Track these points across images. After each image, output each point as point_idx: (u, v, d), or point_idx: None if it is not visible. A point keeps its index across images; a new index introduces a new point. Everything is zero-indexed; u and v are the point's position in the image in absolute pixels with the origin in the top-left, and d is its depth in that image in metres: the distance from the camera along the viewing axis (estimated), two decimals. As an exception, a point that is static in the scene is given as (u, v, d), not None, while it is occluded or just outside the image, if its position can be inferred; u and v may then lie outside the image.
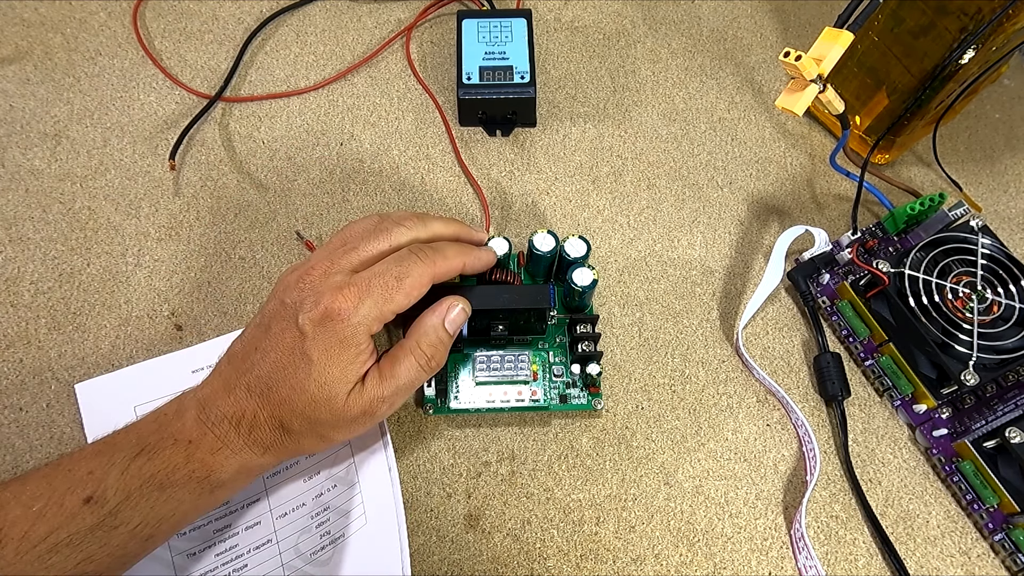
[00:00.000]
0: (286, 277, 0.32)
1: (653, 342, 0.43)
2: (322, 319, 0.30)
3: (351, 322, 0.30)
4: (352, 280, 0.31)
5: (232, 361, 0.32)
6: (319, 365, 0.30)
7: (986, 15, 0.39)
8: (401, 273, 0.31)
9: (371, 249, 0.33)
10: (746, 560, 0.37)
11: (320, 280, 0.31)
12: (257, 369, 0.30)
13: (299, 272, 0.32)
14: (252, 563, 0.35)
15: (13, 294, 0.42)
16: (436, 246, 0.34)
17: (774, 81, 0.54)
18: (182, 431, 0.30)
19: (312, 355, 0.30)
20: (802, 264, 0.44)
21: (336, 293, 0.30)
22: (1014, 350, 0.38)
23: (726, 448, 0.40)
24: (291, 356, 0.30)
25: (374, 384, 0.31)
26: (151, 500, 0.28)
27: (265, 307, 0.32)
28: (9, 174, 0.46)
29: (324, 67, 0.52)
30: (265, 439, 0.31)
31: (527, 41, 0.49)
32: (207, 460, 0.29)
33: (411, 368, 0.32)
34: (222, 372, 0.32)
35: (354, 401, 0.31)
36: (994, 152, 0.52)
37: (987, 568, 0.37)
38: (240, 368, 0.31)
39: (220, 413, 0.30)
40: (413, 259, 0.32)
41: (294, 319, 0.30)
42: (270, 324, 0.31)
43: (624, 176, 0.49)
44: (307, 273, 0.31)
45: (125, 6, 0.53)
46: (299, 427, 0.30)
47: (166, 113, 0.49)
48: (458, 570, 0.36)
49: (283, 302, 0.31)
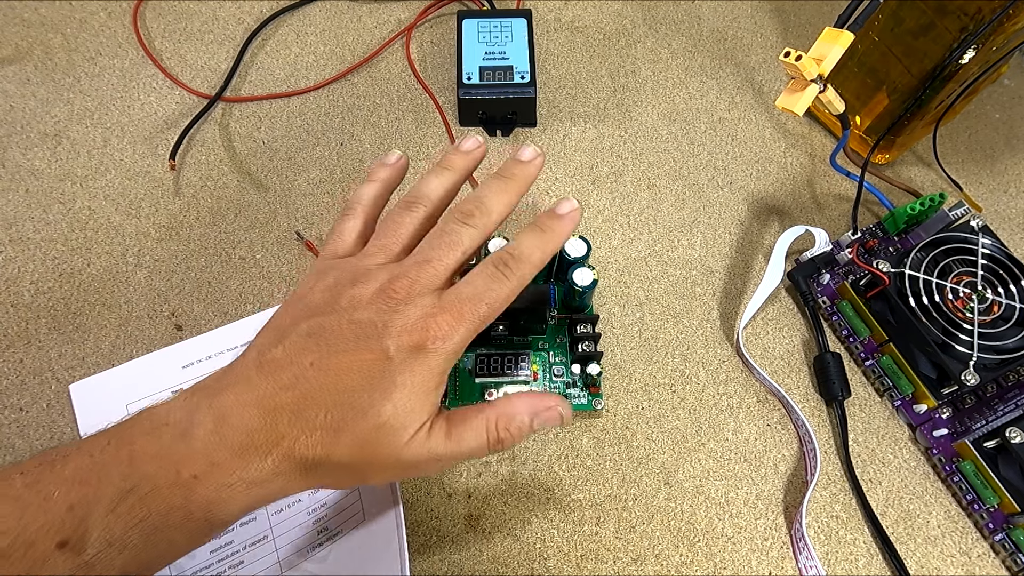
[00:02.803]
0: (350, 290, 0.28)
1: (653, 342, 0.43)
2: (414, 347, 0.26)
3: (442, 353, 0.27)
4: (442, 304, 0.27)
5: (268, 371, 0.26)
6: (401, 391, 0.26)
7: (986, 15, 0.39)
8: (493, 300, 0.28)
9: (449, 262, 0.29)
10: (746, 560, 0.37)
11: (406, 300, 0.27)
12: (310, 385, 0.26)
13: (371, 285, 0.28)
14: (248, 559, 0.35)
15: (13, 294, 0.42)
16: (517, 253, 0.29)
17: (774, 81, 0.54)
18: (187, 460, 0.24)
19: (396, 380, 0.26)
20: (802, 264, 0.44)
21: (430, 319, 0.27)
22: (1014, 350, 0.38)
23: (726, 448, 0.40)
24: (368, 378, 0.26)
25: (440, 438, 0.28)
26: (136, 546, 0.24)
27: (316, 313, 0.28)
28: (9, 174, 0.46)
29: (324, 67, 0.52)
30: (295, 469, 0.26)
31: (527, 41, 0.49)
32: (210, 498, 0.25)
33: (478, 441, 0.28)
34: (252, 382, 0.26)
35: (416, 445, 0.27)
36: (994, 152, 0.52)
37: (987, 568, 0.37)
38: (282, 382, 0.26)
39: (244, 438, 0.25)
40: (501, 279, 0.28)
41: (377, 340, 0.26)
42: (333, 338, 0.27)
43: (624, 176, 0.49)
44: (388, 290, 0.27)
45: (125, 6, 0.53)
46: (347, 458, 0.26)
47: (166, 113, 0.49)
48: (458, 570, 0.36)
49: (354, 318, 0.27)
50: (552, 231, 0.30)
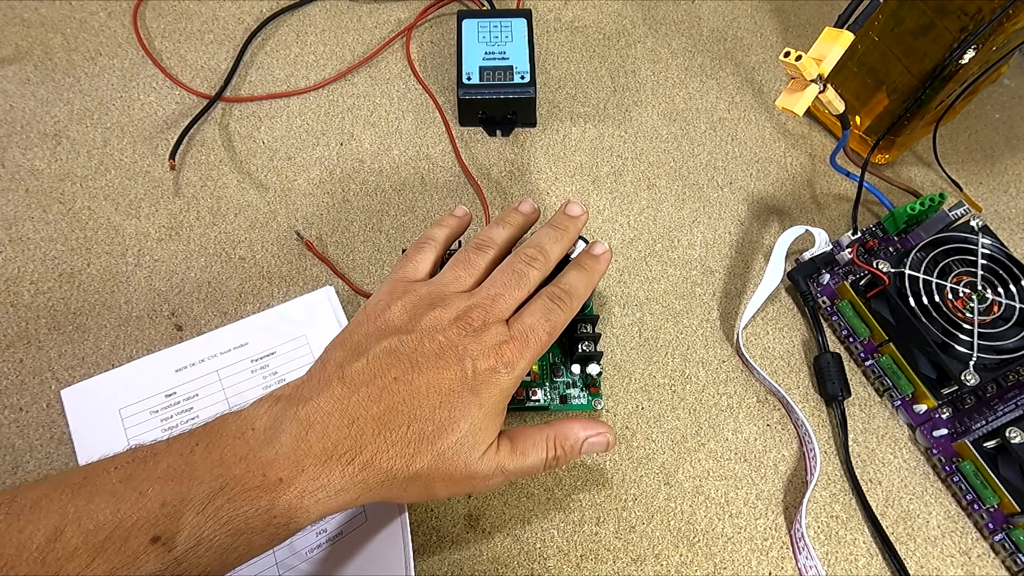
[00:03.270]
0: (430, 312, 0.30)
1: (653, 342, 0.43)
2: (490, 370, 0.29)
3: (512, 376, 0.30)
4: (513, 334, 0.31)
5: (352, 384, 0.28)
6: (478, 409, 0.29)
7: (986, 15, 0.39)
8: (551, 328, 0.32)
9: (517, 297, 0.32)
10: (746, 560, 0.37)
11: (482, 328, 0.30)
12: (395, 398, 0.28)
13: (449, 311, 0.30)
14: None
15: (13, 294, 0.42)
16: (568, 288, 0.33)
17: (774, 81, 0.54)
18: (274, 463, 0.25)
19: (475, 399, 0.29)
20: (802, 264, 0.44)
21: (504, 346, 0.30)
22: (1014, 350, 0.38)
23: (726, 448, 0.40)
24: (449, 395, 0.28)
25: (506, 453, 0.30)
26: (221, 546, 0.24)
27: (399, 333, 0.30)
28: (9, 174, 0.46)
29: (324, 67, 0.52)
30: (375, 480, 0.27)
31: (527, 41, 0.49)
32: (294, 503, 0.25)
33: (539, 459, 0.31)
34: (336, 393, 0.27)
35: (487, 460, 0.29)
36: (994, 152, 0.52)
37: (987, 568, 0.37)
38: (367, 395, 0.27)
39: (329, 445, 0.26)
40: (558, 312, 0.32)
41: (458, 360, 0.29)
42: (415, 356, 0.29)
43: (624, 176, 0.49)
44: (467, 317, 0.30)
45: (125, 6, 0.53)
46: (424, 470, 0.28)
47: (166, 113, 0.49)
48: (458, 570, 0.36)
49: (435, 338, 0.29)
50: (592, 269, 0.35)
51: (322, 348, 0.41)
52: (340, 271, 0.44)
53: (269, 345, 0.40)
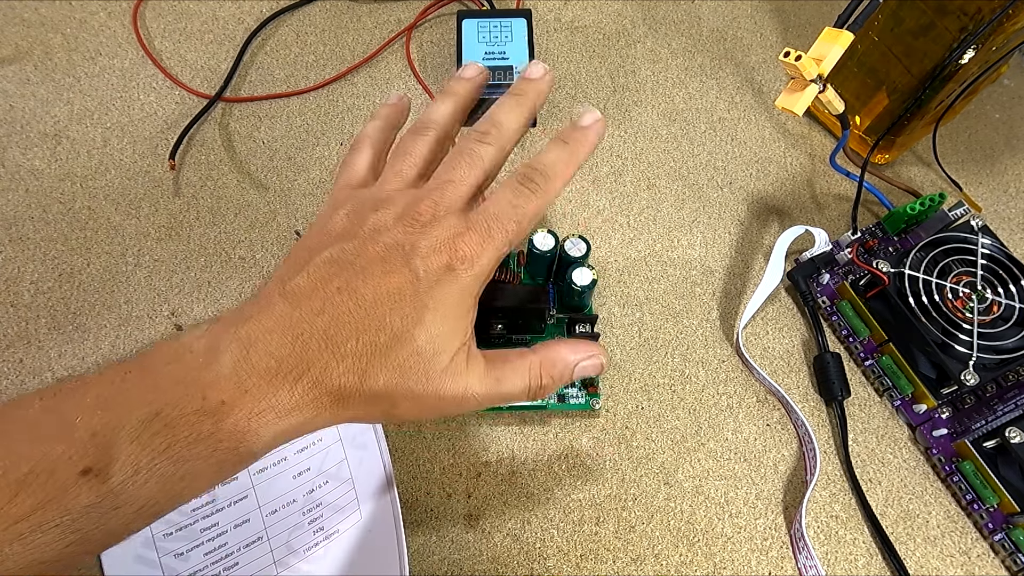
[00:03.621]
0: (372, 215, 0.27)
1: (653, 342, 0.43)
2: (444, 267, 0.26)
3: (472, 272, 0.26)
4: (470, 223, 0.27)
5: (293, 298, 0.26)
6: (434, 314, 0.26)
7: (986, 15, 0.39)
8: (520, 216, 0.28)
9: (470, 180, 0.28)
10: (746, 560, 0.37)
11: (431, 221, 0.27)
12: (339, 310, 0.25)
13: (393, 208, 0.27)
14: (243, 561, 0.35)
15: (13, 294, 0.42)
16: (542, 167, 0.29)
17: (774, 81, 0.54)
18: (214, 385, 0.24)
19: (428, 303, 0.26)
20: (802, 264, 0.44)
21: (458, 239, 0.26)
22: (1014, 350, 0.38)
23: (726, 448, 0.40)
24: (399, 300, 0.25)
25: (478, 373, 0.27)
26: (164, 475, 0.23)
27: (337, 239, 0.27)
28: (9, 174, 0.46)
29: (324, 67, 0.52)
30: (328, 398, 0.25)
31: (527, 41, 0.49)
32: (240, 426, 0.24)
33: (519, 384, 0.28)
34: (277, 309, 0.25)
35: (452, 376, 0.26)
36: (994, 152, 0.52)
37: (987, 568, 0.37)
38: (309, 308, 0.25)
39: (273, 363, 0.24)
40: (527, 195, 0.28)
41: (404, 262, 0.26)
42: (359, 262, 0.26)
43: (624, 176, 0.49)
44: (412, 212, 0.27)
45: (125, 6, 0.53)
46: (380, 385, 0.25)
47: (166, 113, 0.49)
48: (458, 570, 0.36)
49: (379, 240, 0.26)
50: (577, 143, 0.29)
51: None
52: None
53: None
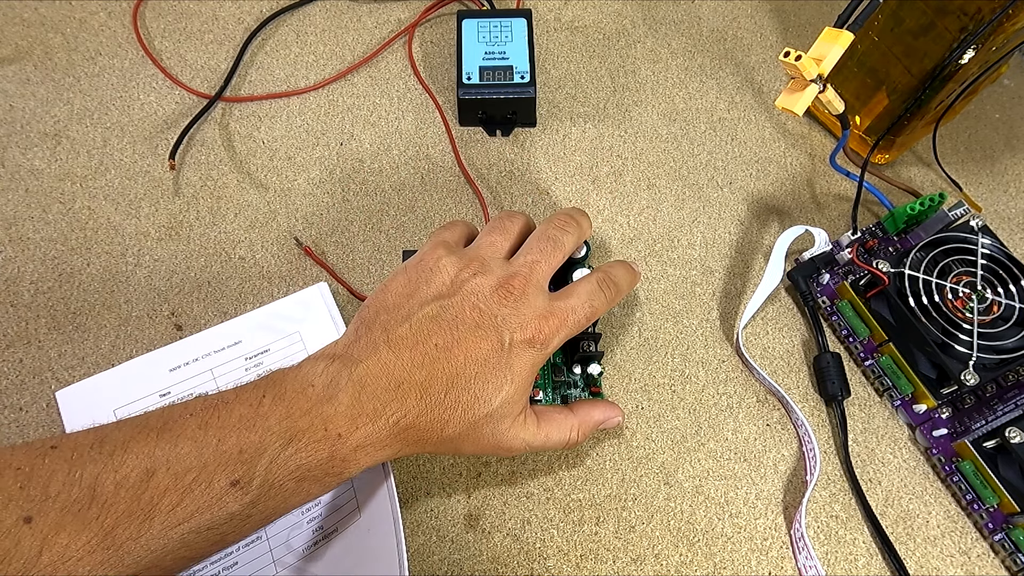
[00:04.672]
0: (472, 279, 0.31)
1: (653, 342, 0.43)
2: (526, 342, 0.30)
3: (545, 351, 0.31)
4: (553, 309, 0.31)
5: (397, 349, 0.30)
6: (511, 384, 0.30)
7: (986, 15, 0.39)
8: (591, 312, 0.32)
9: (554, 262, 0.33)
10: (746, 560, 0.37)
11: (521, 297, 0.31)
12: (435, 366, 0.29)
13: (491, 278, 0.31)
14: (242, 560, 0.35)
15: (13, 294, 0.42)
16: (615, 277, 0.35)
17: (774, 81, 0.54)
18: (334, 419, 0.28)
19: (508, 373, 0.30)
20: (802, 264, 0.44)
21: (542, 321, 0.31)
22: (1014, 350, 0.38)
23: (726, 448, 0.40)
24: (485, 366, 0.30)
25: (532, 427, 0.32)
26: (287, 492, 0.27)
27: (441, 298, 0.31)
28: (9, 174, 0.46)
29: (324, 67, 0.52)
30: (413, 439, 0.29)
31: (527, 41, 0.49)
32: (348, 457, 0.28)
33: (561, 439, 0.33)
34: (383, 359, 0.29)
35: (514, 431, 0.31)
36: (994, 152, 0.52)
37: (987, 568, 0.37)
38: (411, 360, 0.29)
39: (379, 405, 0.28)
40: (601, 297, 0.33)
41: (496, 331, 0.30)
42: (457, 324, 0.30)
43: (624, 176, 0.49)
44: (507, 285, 0.31)
45: (125, 6, 0.53)
46: (456, 434, 0.30)
47: (166, 113, 0.49)
48: (458, 570, 0.36)
49: (480, 309, 0.30)
50: (636, 273, 0.37)
51: (316, 345, 0.41)
52: (339, 274, 0.44)
53: (263, 343, 0.40)
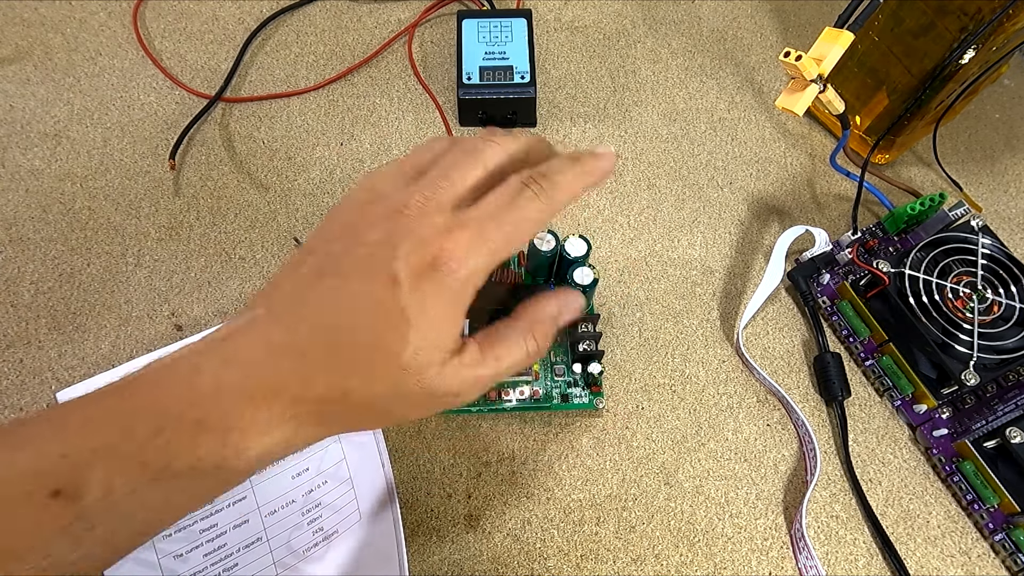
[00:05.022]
0: (360, 208, 0.25)
1: (653, 342, 0.43)
2: (427, 269, 0.23)
3: (460, 275, 0.24)
4: (460, 221, 0.24)
5: (274, 311, 0.24)
6: (418, 327, 0.23)
7: (986, 15, 0.39)
8: (518, 218, 0.25)
9: (468, 178, 0.25)
10: (746, 560, 0.37)
11: (418, 217, 0.24)
12: (318, 323, 0.24)
13: (383, 205, 0.25)
14: (243, 562, 0.35)
15: (13, 294, 0.42)
16: (550, 174, 0.26)
17: (774, 81, 0.54)
18: (192, 405, 0.23)
19: (410, 313, 0.23)
20: (802, 264, 0.44)
21: (444, 237, 0.24)
22: (1014, 350, 0.38)
23: (726, 448, 0.40)
24: (378, 312, 0.23)
25: (475, 358, 0.25)
26: (141, 498, 0.22)
27: (328, 243, 0.25)
28: (9, 174, 0.46)
29: (324, 67, 0.52)
30: (313, 413, 0.24)
31: (527, 41, 0.49)
32: (218, 446, 0.23)
33: (519, 355, 0.27)
34: (259, 325, 0.24)
35: (450, 375, 0.24)
36: (994, 152, 0.52)
37: (987, 568, 0.37)
38: (290, 321, 0.24)
39: (252, 381, 0.23)
40: (531, 198, 0.25)
41: (385, 265, 0.23)
42: (342, 267, 0.24)
43: (624, 176, 0.49)
44: (399, 207, 0.24)
45: (125, 6, 0.53)
46: (368, 399, 0.24)
47: (166, 113, 0.49)
48: (458, 570, 0.36)
49: (361, 239, 0.24)
50: (588, 165, 0.27)
51: None
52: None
53: None
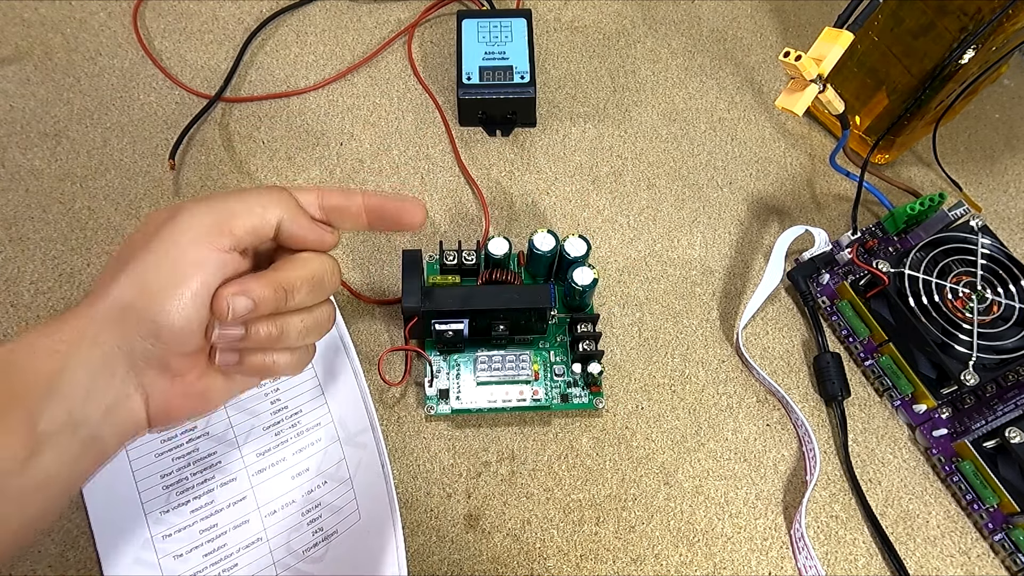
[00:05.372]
0: None
1: (653, 342, 0.43)
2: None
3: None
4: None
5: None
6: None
7: (986, 15, 0.39)
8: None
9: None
10: (746, 560, 0.37)
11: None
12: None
13: None
14: (243, 563, 0.35)
15: (13, 294, 0.42)
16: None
17: (774, 81, 0.54)
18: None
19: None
20: (802, 264, 0.44)
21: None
22: (1014, 350, 0.38)
23: (726, 448, 0.40)
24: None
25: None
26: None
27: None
28: (9, 174, 0.46)
29: (324, 67, 0.52)
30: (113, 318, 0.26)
31: (527, 41, 0.49)
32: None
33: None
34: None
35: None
36: (994, 152, 0.52)
37: (987, 568, 0.37)
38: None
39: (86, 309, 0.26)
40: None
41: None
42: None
43: (624, 176, 0.49)
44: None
45: (125, 6, 0.53)
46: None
47: (166, 113, 0.49)
48: (458, 570, 0.36)
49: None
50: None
51: (318, 345, 0.41)
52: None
53: None
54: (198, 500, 0.36)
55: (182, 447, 0.37)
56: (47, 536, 0.35)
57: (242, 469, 0.37)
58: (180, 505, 0.36)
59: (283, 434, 0.38)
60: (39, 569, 0.35)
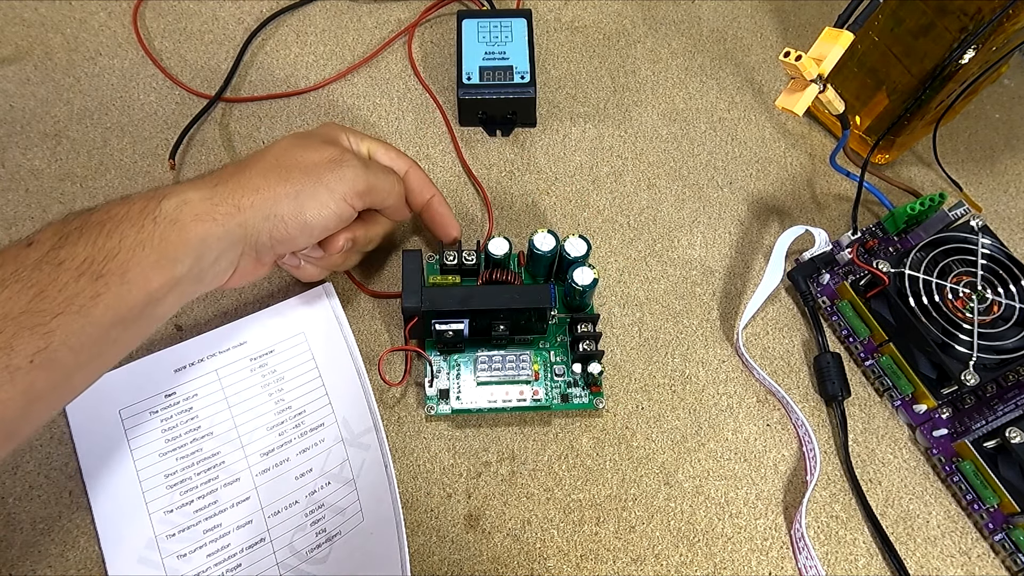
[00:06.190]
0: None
1: (653, 342, 0.43)
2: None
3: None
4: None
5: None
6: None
7: (986, 15, 0.39)
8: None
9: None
10: (746, 560, 0.37)
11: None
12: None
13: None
14: (246, 563, 0.35)
15: (13, 294, 0.42)
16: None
17: (774, 81, 0.54)
18: (128, 199, 0.31)
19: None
20: (802, 264, 0.44)
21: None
22: (1014, 350, 0.38)
23: (726, 448, 0.40)
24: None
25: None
26: (91, 236, 0.29)
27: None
28: (9, 174, 0.46)
29: (324, 67, 0.52)
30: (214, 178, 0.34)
31: (527, 41, 0.49)
32: (145, 198, 0.31)
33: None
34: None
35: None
36: (994, 152, 0.52)
37: (987, 568, 0.37)
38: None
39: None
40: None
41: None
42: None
43: (624, 176, 0.49)
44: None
45: (125, 6, 0.53)
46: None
47: (166, 113, 0.49)
48: (458, 570, 0.36)
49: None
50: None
51: (321, 346, 0.41)
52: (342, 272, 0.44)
53: (268, 343, 0.40)
54: (202, 500, 0.36)
55: (186, 447, 0.37)
56: (47, 536, 0.35)
57: (246, 469, 0.37)
58: (184, 505, 0.36)
59: (287, 434, 0.38)
60: (39, 569, 0.35)
